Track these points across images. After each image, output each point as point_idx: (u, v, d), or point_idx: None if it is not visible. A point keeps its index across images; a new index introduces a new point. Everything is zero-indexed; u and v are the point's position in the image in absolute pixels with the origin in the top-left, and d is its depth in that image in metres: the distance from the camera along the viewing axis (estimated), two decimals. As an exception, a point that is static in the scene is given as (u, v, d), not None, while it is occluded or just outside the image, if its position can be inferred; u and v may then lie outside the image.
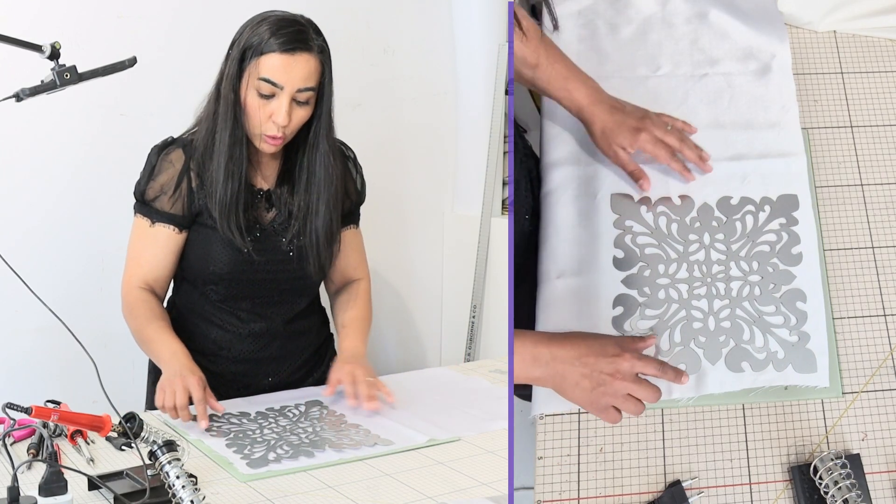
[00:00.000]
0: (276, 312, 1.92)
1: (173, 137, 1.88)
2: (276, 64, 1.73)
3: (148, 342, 1.81)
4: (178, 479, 1.28)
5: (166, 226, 1.84)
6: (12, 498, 1.25)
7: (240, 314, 1.90)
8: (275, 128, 1.76)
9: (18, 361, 2.26)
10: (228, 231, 1.81)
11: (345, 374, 1.80)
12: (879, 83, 1.77)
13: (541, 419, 1.44)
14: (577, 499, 1.39)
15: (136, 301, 1.84)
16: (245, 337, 1.90)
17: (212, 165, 1.81)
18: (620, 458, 1.41)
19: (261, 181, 1.88)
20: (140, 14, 2.29)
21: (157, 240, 1.84)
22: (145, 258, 1.86)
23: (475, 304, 2.75)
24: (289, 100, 1.75)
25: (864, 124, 1.72)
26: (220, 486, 1.46)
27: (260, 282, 1.88)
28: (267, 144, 1.79)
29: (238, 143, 1.79)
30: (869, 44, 1.82)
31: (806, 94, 1.75)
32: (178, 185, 1.83)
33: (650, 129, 1.59)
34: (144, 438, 1.39)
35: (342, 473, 1.52)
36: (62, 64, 1.46)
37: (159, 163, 1.84)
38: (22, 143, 2.20)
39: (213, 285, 1.87)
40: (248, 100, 1.76)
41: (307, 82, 1.75)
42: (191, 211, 1.84)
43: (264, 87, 1.74)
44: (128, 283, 1.86)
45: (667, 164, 1.60)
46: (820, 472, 1.33)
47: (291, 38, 1.74)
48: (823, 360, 1.45)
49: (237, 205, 1.81)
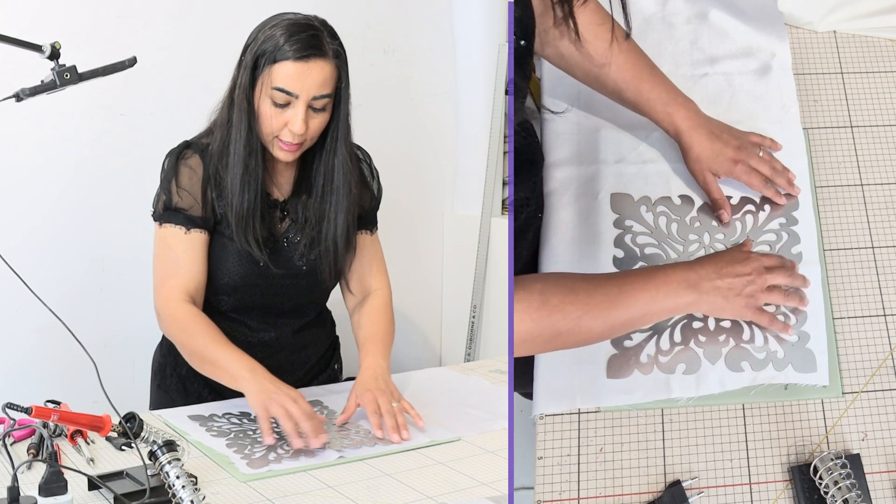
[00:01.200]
0: (285, 322, 1.90)
1: (187, 142, 1.83)
2: (290, 72, 1.68)
3: (213, 362, 1.71)
4: (178, 479, 1.28)
5: (201, 231, 1.78)
6: (12, 498, 1.25)
7: (249, 323, 1.88)
8: (292, 136, 1.71)
9: (18, 361, 2.26)
10: (246, 243, 1.77)
11: (368, 402, 1.70)
12: (879, 83, 1.77)
13: (541, 419, 1.44)
14: (577, 499, 1.39)
15: (185, 317, 1.75)
16: (254, 346, 1.86)
17: (228, 175, 1.76)
18: (620, 458, 1.41)
19: (276, 191, 1.84)
20: (140, 14, 2.29)
21: (195, 247, 1.78)
22: (185, 267, 1.77)
23: (475, 304, 2.75)
24: (304, 108, 1.69)
25: (864, 124, 1.72)
26: (220, 486, 1.46)
27: (272, 293, 1.85)
28: (283, 152, 1.74)
29: (253, 153, 1.75)
30: (869, 44, 1.81)
31: (806, 94, 1.75)
32: (203, 192, 1.78)
33: (745, 160, 1.60)
34: (144, 438, 1.39)
35: (342, 473, 1.52)
36: (62, 64, 1.46)
37: (181, 169, 1.78)
38: (22, 144, 2.20)
39: (225, 295, 1.84)
40: (262, 108, 1.71)
41: (322, 89, 1.70)
42: (214, 218, 1.80)
43: (279, 97, 1.69)
44: (167, 296, 1.77)
45: (759, 191, 1.60)
46: (820, 472, 1.33)
47: (305, 44, 1.68)
48: (823, 360, 1.45)
49: (254, 216, 1.77)
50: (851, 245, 1.59)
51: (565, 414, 1.45)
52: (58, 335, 1.45)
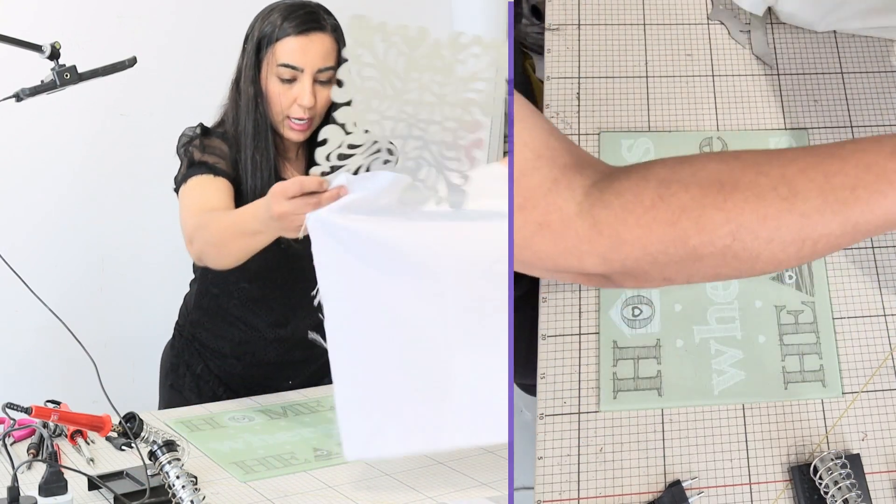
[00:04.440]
0: (302, 316, 1.89)
1: (203, 125, 1.82)
2: (293, 47, 1.73)
3: (230, 227, 1.61)
4: (178, 479, 1.28)
5: (229, 182, 1.74)
6: (12, 498, 1.26)
7: (266, 317, 1.90)
8: (301, 110, 1.75)
9: (18, 361, 2.26)
10: None
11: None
12: (879, 83, 1.77)
13: (541, 419, 1.44)
14: (577, 499, 1.39)
15: (207, 220, 1.66)
16: (270, 342, 1.89)
17: (241, 159, 1.78)
18: (620, 458, 1.41)
19: (292, 174, 1.86)
20: (140, 14, 2.29)
21: (223, 191, 1.73)
22: (212, 204, 1.70)
23: (475, 304, 2.75)
24: (311, 80, 1.74)
25: (864, 124, 1.71)
26: (220, 486, 1.46)
27: (293, 277, 1.84)
28: (294, 132, 1.78)
29: (262, 133, 1.77)
30: (869, 44, 1.81)
31: (806, 94, 1.74)
32: (227, 161, 1.76)
33: None
34: (144, 438, 1.39)
35: (342, 473, 1.52)
36: (62, 64, 1.46)
37: (203, 138, 1.77)
38: (22, 143, 2.20)
39: (246, 283, 1.86)
40: (269, 87, 1.76)
41: (326, 61, 1.75)
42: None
43: (284, 73, 1.73)
44: (196, 224, 1.67)
45: None
46: (820, 472, 1.33)
47: (304, 19, 1.74)
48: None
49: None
50: (851, 245, 1.59)
51: (565, 414, 1.44)
52: (58, 335, 1.45)
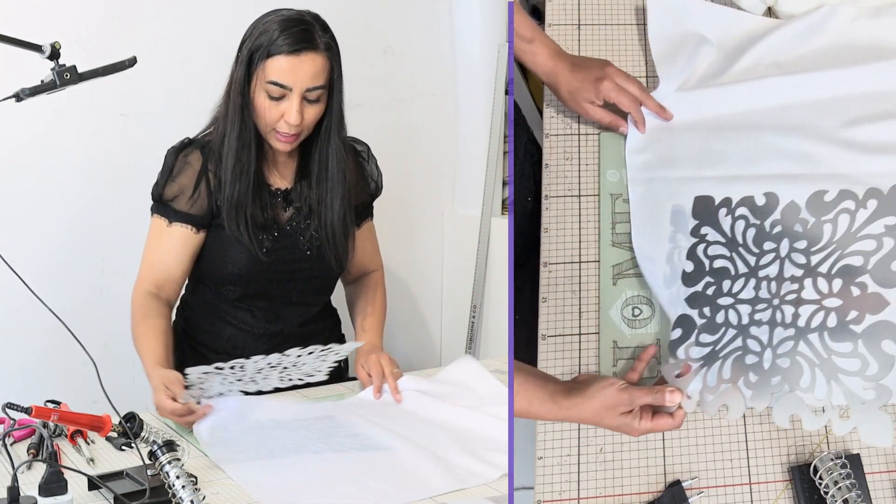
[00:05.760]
0: (291, 313, 1.94)
1: (190, 138, 1.89)
2: (283, 66, 1.75)
3: (137, 349, 1.80)
4: (178, 479, 1.28)
5: (184, 225, 1.84)
6: (12, 498, 1.26)
7: (255, 313, 1.92)
8: (288, 126, 1.78)
9: (18, 361, 2.26)
10: (237, 231, 1.83)
11: (373, 363, 1.83)
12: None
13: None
14: (577, 499, 1.39)
15: (138, 307, 1.83)
16: (260, 337, 1.92)
17: (222, 166, 1.83)
18: (620, 458, 1.41)
19: (278, 180, 1.90)
20: (140, 14, 2.29)
21: (173, 239, 1.84)
22: (159, 258, 1.85)
23: (475, 303, 2.75)
24: (299, 99, 1.76)
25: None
26: (220, 486, 1.46)
27: (277, 281, 1.90)
28: (281, 143, 1.81)
29: (246, 146, 1.81)
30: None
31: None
32: (196, 186, 1.84)
33: (611, 77, 1.59)
34: (144, 438, 1.39)
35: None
36: (62, 64, 1.46)
37: (178, 164, 1.85)
38: (22, 144, 2.20)
39: (231, 285, 1.89)
40: (258, 101, 1.78)
41: (315, 81, 1.77)
42: (210, 212, 1.85)
43: (273, 90, 1.76)
44: (138, 286, 1.86)
45: (628, 110, 1.59)
46: (820, 472, 1.33)
47: (297, 38, 1.75)
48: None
49: (245, 206, 1.82)
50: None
51: (565, 414, 1.44)
52: (58, 335, 1.45)
